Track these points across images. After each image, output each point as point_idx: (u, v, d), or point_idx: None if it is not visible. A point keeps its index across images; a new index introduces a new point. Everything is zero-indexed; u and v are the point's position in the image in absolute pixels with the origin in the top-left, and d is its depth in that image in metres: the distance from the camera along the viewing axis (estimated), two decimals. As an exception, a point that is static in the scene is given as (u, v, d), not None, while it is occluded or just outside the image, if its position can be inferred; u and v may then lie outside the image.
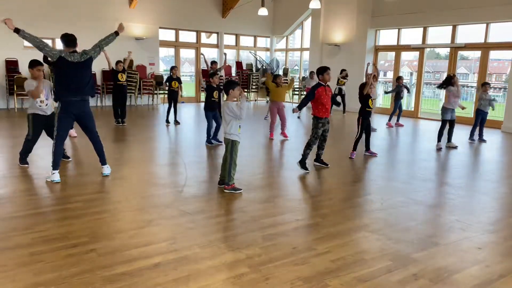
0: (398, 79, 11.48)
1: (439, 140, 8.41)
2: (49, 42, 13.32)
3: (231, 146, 5.10)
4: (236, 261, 3.28)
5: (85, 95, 5.38)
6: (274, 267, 3.20)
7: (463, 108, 8.83)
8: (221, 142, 8.11)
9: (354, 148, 7.39)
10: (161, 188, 5.31)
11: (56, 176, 5.32)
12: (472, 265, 3.38)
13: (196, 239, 3.69)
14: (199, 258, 3.31)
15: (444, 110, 8.42)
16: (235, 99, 5.11)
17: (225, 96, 5.37)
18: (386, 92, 12.89)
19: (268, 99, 10.46)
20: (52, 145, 5.41)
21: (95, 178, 5.54)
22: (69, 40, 5.34)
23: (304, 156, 6.24)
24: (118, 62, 10.37)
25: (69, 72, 5.22)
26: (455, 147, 8.40)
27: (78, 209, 4.37)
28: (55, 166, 5.34)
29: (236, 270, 3.13)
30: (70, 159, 6.48)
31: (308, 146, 6.27)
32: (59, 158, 5.38)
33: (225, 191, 5.14)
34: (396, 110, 11.45)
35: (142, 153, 7.51)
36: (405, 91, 11.35)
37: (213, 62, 12.13)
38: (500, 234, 4.11)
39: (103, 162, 5.69)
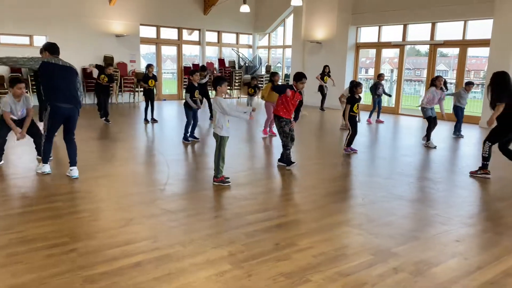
0: (379, 76, 11.60)
1: (428, 138, 8.40)
2: (27, 39, 13.11)
3: (220, 141, 5.21)
4: (219, 259, 3.27)
5: (74, 102, 5.33)
6: (256, 264, 3.20)
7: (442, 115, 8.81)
8: (198, 138, 8.25)
9: (349, 144, 7.43)
10: (143, 187, 5.27)
11: (47, 168, 5.45)
12: (451, 258, 3.44)
13: (178, 237, 3.67)
14: (181, 256, 3.30)
15: (423, 109, 8.47)
16: (223, 94, 5.20)
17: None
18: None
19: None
20: (41, 144, 5.50)
21: (74, 178, 5.45)
22: (55, 48, 5.33)
23: (287, 157, 6.26)
24: (108, 66, 10.78)
25: (56, 74, 5.14)
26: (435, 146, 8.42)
27: (58, 209, 4.29)
28: (45, 160, 5.50)
29: (219, 268, 3.13)
30: (51, 158, 6.34)
31: (285, 148, 6.25)
32: (48, 154, 5.49)
33: (214, 183, 5.23)
34: (375, 107, 11.55)
35: (123, 152, 7.43)
36: (381, 89, 11.42)
37: (203, 69, 11.96)
38: (478, 227, 4.20)
39: (72, 163, 5.54)
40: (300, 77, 6.13)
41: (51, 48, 5.33)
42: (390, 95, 12.87)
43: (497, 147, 6.01)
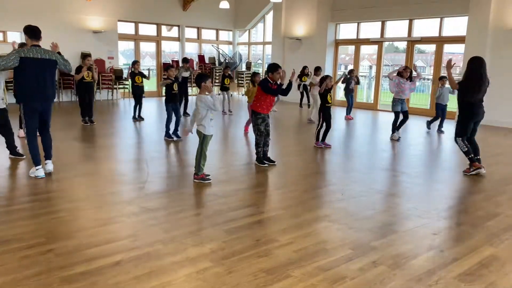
0: (350, 72, 11.71)
1: (393, 131, 8.55)
2: (0, 34, 12.75)
3: (203, 139, 5.19)
4: (199, 256, 3.26)
5: (49, 98, 5.24)
6: (237, 260, 3.21)
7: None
8: (180, 138, 8.00)
9: (317, 139, 7.53)
10: (122, 185, 5.20)
11: (40, 172, 5.22)
12: (427, 251, 3.52)
13: (158, 235, 3.64)
14: (162, 255, 3.27)
15: (394, 102, 8.52)
16: (207, 92, 5.15)
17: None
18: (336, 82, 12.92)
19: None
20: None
21: (53, 176, 5.34)
22: (34, 31, 5.10)
23: (258, 154, 6.20)
24: (85, 57, 9.58)
25: (33, 71, 4.97)
26: (398, 139, 8.43)
27: (34, 209, 4.21)
28: (35, 162, 5.24)
29: (199, 265, 3.12)
30: (24, 157, 6.20)
31: (257, 145, 6.16)
32: (35, 154, 5.24)
33: (195, 181, 5.21)
34: (349, 102, 11.68)
35: (102, 150, 7.31)
36: (353, 82, 11.53)
37: (186, 61, 11.79)
38: (453, 220, 4.30)
39: (47, 156, 5.46)
40: (275, 67, 5.97)
41: (30, 32, 5.10)
42: (359, 83, 12.84)
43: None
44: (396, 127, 8.54)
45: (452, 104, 9.92)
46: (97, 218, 4.03)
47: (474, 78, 5.73)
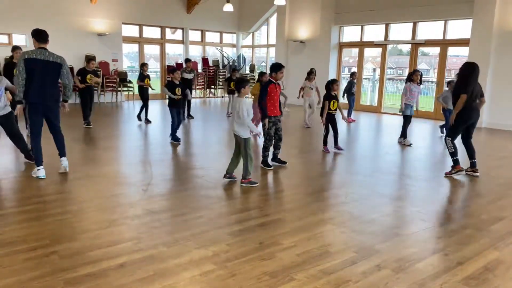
0: (352, 75, 11.72)
1: (405, 136, 8.49)
2: (5, 37, 12.84)
3: (244, 143, 5.20)
4: (203, 259, 3.26)
5: (50, 99, 5.27)
6: (240, 263, 3.20)
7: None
8: (179, 140, 7.98)
9: (325, 143, 7.48)
10: (126, 187, 5.21)
11: (41, 172, 5.27)
12: (432, 254, 3.50)
13: (161, 238, 3.65)
14: (165, 257, 3.27)
15: (404, 106, 8.51)
16: (247, 96, 5.26)
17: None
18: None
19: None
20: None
21: (55, 179, 5.36)
22: (40, 34, 5.17)
23: (264, 158, 6.22)
24: (90, 60, 9.49)
25: (35, 72, 5.03)
26: (410, 145, 8.38)
27: (38, 211, 4.22)
28: (37, 163, 5.30)
29: (203, 268, 3.12)
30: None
31: (265, 150, 6.19)
32: (37, 154, 5.29)
33: (242, 185, 5.24)
34: (350, 105, 11.68)
35: (106, 152, 7.33)
36: (355, 85, 11.55)
37: (187, 60, 11.82)
38: (458, 223, 4.28)
39: (61, 154, 5.58)
40: (279, 67, 6.04)
41: (37, 35, 5.16)
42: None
43: (461, 141, 6.15)
44: (406, 131, 8.43)
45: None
46: (101, 220, 4.04)
47: (472, 84, 5.80)
